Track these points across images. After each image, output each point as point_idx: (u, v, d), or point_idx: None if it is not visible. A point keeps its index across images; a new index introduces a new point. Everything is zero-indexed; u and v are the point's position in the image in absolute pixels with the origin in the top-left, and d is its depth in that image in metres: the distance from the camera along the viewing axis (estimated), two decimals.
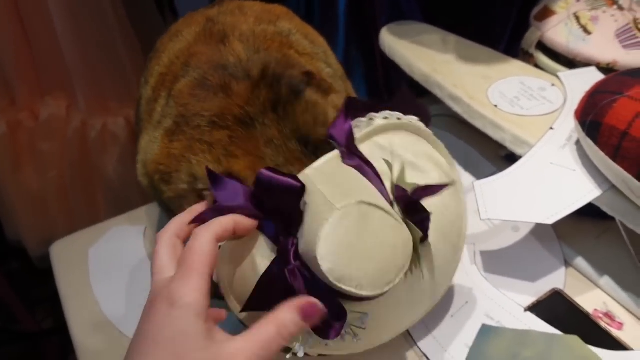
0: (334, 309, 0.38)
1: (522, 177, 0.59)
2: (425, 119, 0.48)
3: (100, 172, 1.16)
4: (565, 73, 0.70)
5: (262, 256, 0.41)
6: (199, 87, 0.50)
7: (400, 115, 0.46)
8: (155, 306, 0.35)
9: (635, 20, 0.69)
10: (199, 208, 0.43)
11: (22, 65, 1.09)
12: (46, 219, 1.22)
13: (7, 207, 1.23)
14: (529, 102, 0.67)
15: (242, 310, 0.40)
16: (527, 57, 0.77)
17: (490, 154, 0.76)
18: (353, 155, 0.43)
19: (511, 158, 0.72)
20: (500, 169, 0.73)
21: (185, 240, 0.40)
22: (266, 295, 0.39)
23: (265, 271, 0.39)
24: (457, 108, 0.71)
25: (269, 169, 0.40)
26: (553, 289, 0.58)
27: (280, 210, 0.40)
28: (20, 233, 1.28)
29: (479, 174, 0.74)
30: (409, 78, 0.78)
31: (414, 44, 0.81)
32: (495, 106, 0.68)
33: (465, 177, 0.74)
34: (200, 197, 0.47)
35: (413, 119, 0.47)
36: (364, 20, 0.89)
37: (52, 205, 1.20)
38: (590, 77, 0.67)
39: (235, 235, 0.40)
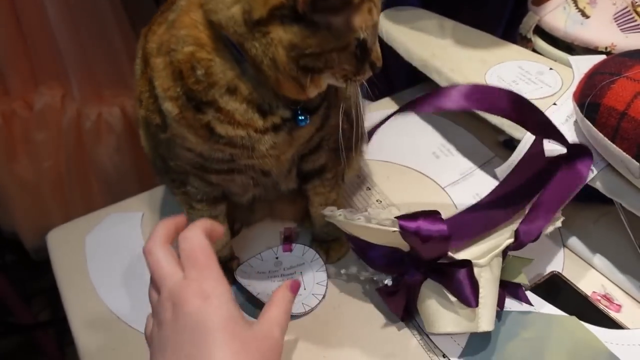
0: None
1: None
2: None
3: (95, 162, 1.16)
4: (576, 57, 0.70)
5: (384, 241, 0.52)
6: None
7: None
8: (186, 304, 0.38)
9: (633, 4, 0.69)
10: (175, 220, 0.45)
11: (15, 55, 1.08)
12: (41, 210, 1.21)
13: (2, 198, 1.22)
14: (527, 86, 0.67)
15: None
16: (525, 42, 0.77)
17: (488, 139, 0.76)
18: None
19: (509, 144, 0.72)
20: (498, 154, 0.74)
21: None
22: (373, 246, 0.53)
23: (380, 247, 0.52)
24: None
25: (469, 275, 0.48)
26: (552, 272, 0.58)
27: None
28: (15, 224, 1.27)
29: (477, 160, 0.74)
30: (407, 64, 0.78)
31: (412, 29, 0.80)
32: None
33: (464, 163, 0.74)
34: (155, 99, 0.48)
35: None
36: None
37: (48, 195, 1.20)
38: None
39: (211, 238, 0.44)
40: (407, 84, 0.89)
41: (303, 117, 0.48)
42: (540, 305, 0.54)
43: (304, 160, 0.56)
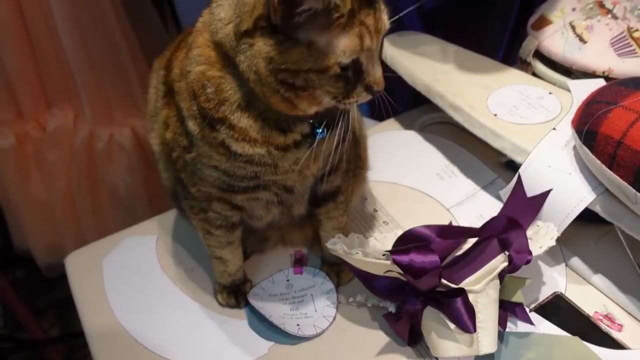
0: None
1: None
2: None
3: (107, 181, 1.18)
4: (574, 81, 0.72)
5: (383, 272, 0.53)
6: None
7: None
8: None
9: (629, 29, 0.71)
10: None
11: (28, 77, 1.11)
12: (54, 228, 1.23)
13: (16, 216, 1.25)
14: (527, 110, 0.69)
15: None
16: (525, 66, 0.79)
17: (491, 160, 0.78)
18: None
19: (511, 164, 0.73)
20: (500, 175, 0.76)
21: None
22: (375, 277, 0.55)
23: (382, 277, 0.54)
24: (457, 117, 0.72)
25: (464, 302, 0.50)
26: (554, 293, 0.60)
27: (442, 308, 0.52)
28: (28, 242, 1.29)
29: (480, 181, 0.76)
30: (411, 88, 0.80)
31: (415, 54, 0.82)
32: (495, 115, 0.69)
33: (467, 184, 0.76)
34: (182, 122, 0.50)
35: None
36: None
37: (60, 214, 1.22)
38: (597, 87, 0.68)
39: None
40: (411, 105, 0.91)
41: (320, 130, 0.48)
42: (544, 326, 0.56)
43: (321, 182, 0.57)
